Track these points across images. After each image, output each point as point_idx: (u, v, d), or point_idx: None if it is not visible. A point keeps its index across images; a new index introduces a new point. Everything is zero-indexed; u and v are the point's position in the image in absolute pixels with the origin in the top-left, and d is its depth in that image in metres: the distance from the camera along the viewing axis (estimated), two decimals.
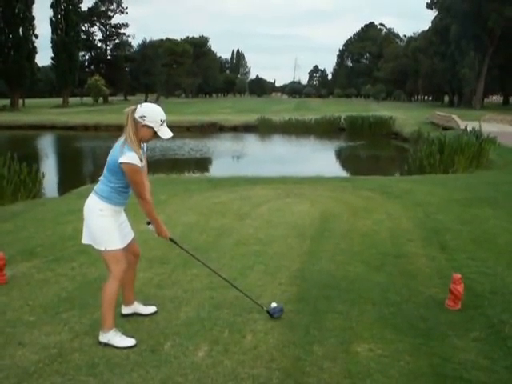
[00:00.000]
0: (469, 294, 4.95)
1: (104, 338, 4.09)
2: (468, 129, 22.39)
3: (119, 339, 4.09)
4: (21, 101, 70.95)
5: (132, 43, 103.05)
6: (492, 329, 4.36)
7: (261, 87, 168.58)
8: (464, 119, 34.71)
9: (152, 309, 4.68)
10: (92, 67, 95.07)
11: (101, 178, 4.18)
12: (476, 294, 5.11)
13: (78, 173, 24.51)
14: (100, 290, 5.14)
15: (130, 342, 4.09)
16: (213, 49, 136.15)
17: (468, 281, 5.21)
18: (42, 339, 4.16)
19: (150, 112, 3.98)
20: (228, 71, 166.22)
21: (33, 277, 5.67)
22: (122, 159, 3.91)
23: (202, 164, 27.54)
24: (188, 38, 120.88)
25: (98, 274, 5.73)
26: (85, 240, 4.30)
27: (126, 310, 4.61)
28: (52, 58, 76.25)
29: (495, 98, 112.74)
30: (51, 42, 74.57)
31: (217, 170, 24.16)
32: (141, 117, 3.94)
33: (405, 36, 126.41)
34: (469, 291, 4.98)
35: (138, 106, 4.03)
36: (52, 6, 73.77)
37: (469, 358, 3.86)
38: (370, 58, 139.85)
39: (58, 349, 4.00)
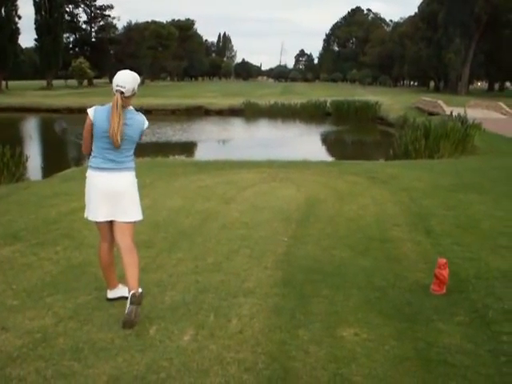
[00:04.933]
0: (453, 279, 4.97)
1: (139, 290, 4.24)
2: (453, 114, 22.48)
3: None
4: (4, 83, 70.04)
5: (117, 25, 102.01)
6: (476, 313, 4.39)
7: (247, 71, 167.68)
8: (449, 105, 34.84)
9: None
10: (76, 49, 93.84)
11: (116, 158, 4.24)
12: (460, 279, 5.14)
13: (62, 156, 24.26)
14: (84, 273, 5.14)
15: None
16: (199, 32, 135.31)
17: (453, 265, 5.22)
18: (25, 324, 4.12)
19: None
20: (214, 55, 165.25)
21: (16, 261, 5.61)
22: (147, 123, 4.35)
23: (188, 148, 27.42)
24: (174, 20, 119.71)
25: (82, 258, 5.70)
26: (129, 218, 4.36)
27: (111, 294, 4.58)
28: (36, 40, 75.26)
29: (480, 84, 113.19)
30: (35, 24, 73.45)
31: (202, 153, 24.05)
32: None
33: (391, 21, 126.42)
34: (453, 276, 5.00)
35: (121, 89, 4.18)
36: None
37: (453, 342, 3.88)
38: (356, 43, 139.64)
39: (42, 333, 3.96)
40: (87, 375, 3.42)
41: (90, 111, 4.20)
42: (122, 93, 4.12)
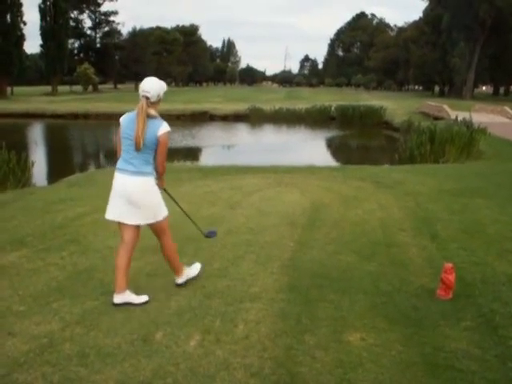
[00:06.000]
0: (460, 284, 4.97)
1: (181, 279, 5.01)
2: (458, 119, 22.45)
3: (190, 269, 5.15)
4: (9, 88, 70.26)
5: (122, 31, 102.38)
6: (483, 318, 4.38)
7: (251, 76, 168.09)
8: (454, 109, 34.81)
9: (144, 298, 4.66)
10: (81, 55, 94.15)
11: (130, 159, 4.46)
12: (467, 284, 5.13)
13: (67, 162, 24.34)
14: (91, 279, 5.15)
15: (198, 266, 5.27)
16: (203, 37, 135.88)
17: (459, 270, 5.21)
18: (32, 329, 4.13)
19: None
20: (218, 60, 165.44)
21: (22, 266, 5.63)
22: (166, 129, 4.44)
23: (193, 153, 27.44)
24: (178, 26, 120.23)
25: (88, 263, 5.70)
26: (136, 221, 4.59)
27: (117, 299, 4.58)
28: (41, 46, 75.47)
29: (485, 88, 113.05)
30: (40, 30, 73.72)
31: (207, 159, 24.11)
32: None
33: (396, 26, 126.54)
34: (460, 281, 4.99)
35: (147, 94, 4.44)
36: None
37: (460, 347, 3.88)
38: (360, 48, 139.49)
39: (49, 339, 3.97)
40: (94, 381, 3.43)
41: (121, 117, 4.54)
42: (147, 98, 4.38)
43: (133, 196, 4.44)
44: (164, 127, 4.42)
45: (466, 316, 4.41)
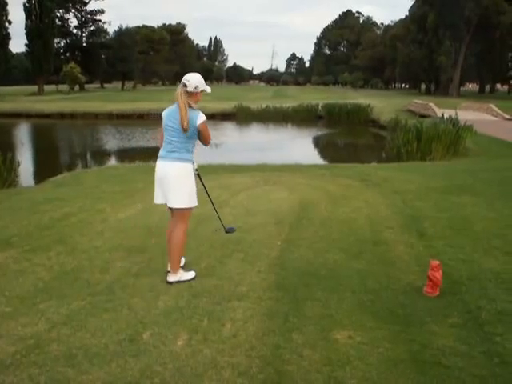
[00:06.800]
0: (446, 281, 4.99)
1: (173, 278, 5.04)
2: (445, 116, 22.55)
3: (186, 273, 5.13)
4: None
5: (108, 30, 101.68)
6: (469, 315, 4.40)
7: (238, 75, 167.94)
8: (441, 107, 34.97)
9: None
10: (67, 54, 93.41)
11: (172, 148, 4.90)
12: (453, 281, 5.15)
13: (53, 162, 24.18)
14: (77, 279, 5.11)
15: (192, 273, 5.16)
16: (190, 36, 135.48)
17: (446, 267, 5.24)
18: (18, 330, 4.09)
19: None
20: (205, 59, 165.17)
21: (9, 267, 5.58)
22: (202, 119, 4.87)
23: None
24: (165, 25, 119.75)
25: (75, 263, 5.67)
26: (171, 204, 4.98)
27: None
28: (26, 45, 74.86)
29: (471, 86, 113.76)
30: (25, 29, 73.09)
31: (194, 157, 23.99)
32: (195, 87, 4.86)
33: (382, 24, 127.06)
34: (446, 278, 5.01)
35: (186, 81, 4.82)
36: None
37: (447, 344, 3.89)
38: (347, 46, 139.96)
39: (36, 340, 3.94)
40: (81, 381, 3.41)
41: (163, 111, 5.00)
42: (184, 85, 4.80)
43: (171, 178, 4.85)
44: (201, 117, 4.85)
45: (452, 313, 4.43)
